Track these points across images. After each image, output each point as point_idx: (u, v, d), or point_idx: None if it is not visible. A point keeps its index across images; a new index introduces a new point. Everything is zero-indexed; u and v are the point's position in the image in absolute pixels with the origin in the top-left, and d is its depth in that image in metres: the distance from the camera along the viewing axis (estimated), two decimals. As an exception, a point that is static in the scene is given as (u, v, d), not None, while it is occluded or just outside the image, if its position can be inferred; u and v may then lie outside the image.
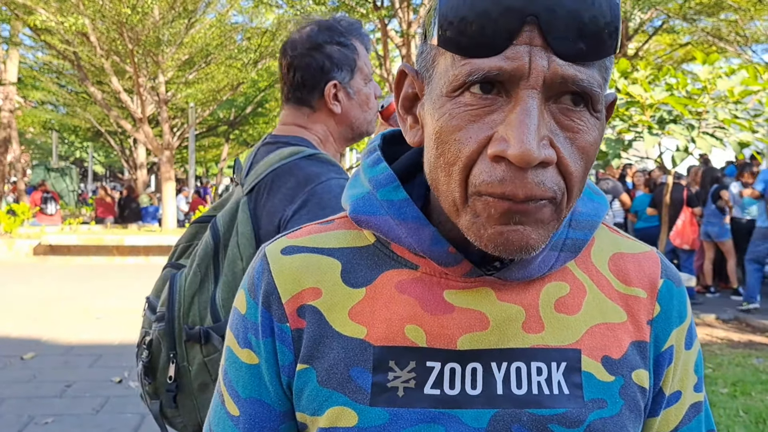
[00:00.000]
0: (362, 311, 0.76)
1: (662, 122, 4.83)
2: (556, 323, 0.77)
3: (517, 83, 0.63)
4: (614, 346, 0.78)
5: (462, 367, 0.74)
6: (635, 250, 0.86)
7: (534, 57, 0.62)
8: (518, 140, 0.61)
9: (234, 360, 0.82)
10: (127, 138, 26.49)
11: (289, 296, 0.78)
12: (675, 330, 0.83)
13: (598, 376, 0.76)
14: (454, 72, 0.65)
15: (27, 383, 5.13)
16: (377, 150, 0.83)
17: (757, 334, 7.25)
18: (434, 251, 0.75)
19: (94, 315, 7.64)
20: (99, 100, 15.27)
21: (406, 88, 0.77)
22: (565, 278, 0.80)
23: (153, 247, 12.59)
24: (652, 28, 20.02)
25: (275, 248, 0.82)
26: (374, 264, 0.79)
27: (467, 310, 0.75)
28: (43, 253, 12.46)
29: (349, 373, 0.74)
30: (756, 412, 4.59)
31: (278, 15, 16.61)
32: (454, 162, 0.66)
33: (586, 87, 0.64)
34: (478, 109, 0.65)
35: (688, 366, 0.85)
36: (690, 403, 0.85)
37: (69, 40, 14.64)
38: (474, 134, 0.64)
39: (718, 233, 9.17)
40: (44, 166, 26.34)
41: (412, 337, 0.74)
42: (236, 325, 0.82)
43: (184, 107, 21.70)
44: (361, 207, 0.79)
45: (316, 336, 0.77)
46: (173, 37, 14.85)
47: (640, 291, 0.82)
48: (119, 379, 5.22)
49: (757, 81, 4.72)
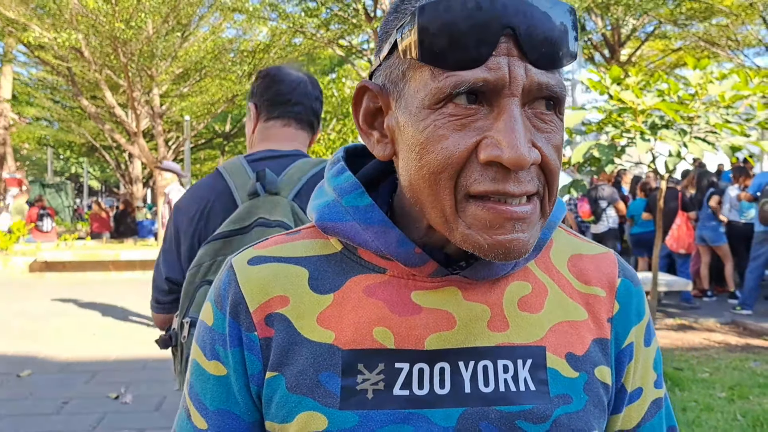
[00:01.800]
0: (330, 316, 0.77)
1: (654, 128, 4.84)
2: (521, 321, 0.79)
3: (499, 92, 0.66)
4: (577, 343, 0.81)
5: (430, 367, 0.75)
6: (593, 251, 0.89)
7: (512, 67, 0.65)
8: (511, 146, 0.64)
9: (201, 372, 0.82)
10: (122, 152, 26.49)
11: (256, 305, 0.79)
12: (634, 327, 0.86)
13: (563, 372, 0.78)
14: (437, 85, 0.67)
15: (23, 400, 5.11)
16: (341, 161, 0.85)
17: (754, 338, 7.25)
18: (401, 252, 0.76)
19: (90, 331, 7.61)
20: (93, 114, 15.27)
21: (366, 103, 0.78)
22: (527, 278, 0.82)
23: (149, 261, 12.54)
24: (644, 34, 20.13)
25: (242, 259, 0.83)
26: (342, 270, 0.80)
27: (434, 311, 0.77)
28: (39, 270, 12.43)
29: (318, 378, 0.75)
30: (754, 415, 4.58)
31: (271, 27, 16.68)
32: (443, 170, 0.67)
33: (557, 92, 0.69)
34: (463, 119, 0.67)
35: (647, 363, 0.88)
36: (651, 400, 0.88)
37: (63, 55, 14.66)
38: (461, 141, 0.67)
39: (713, 237, 9.18)
40: (39, 183, 26.30)
41: (381, 339, 0.75)
42: (202, 337, 0.82)
43: (179, 120, 21.72)
44: (327, 214, 0.80)
45: (284, 343, 0.77)
46: (167, 51, 14.87)
47: (599, 290, 0.85)
48: (116, 395, 5.20)
49: (748, 85, 4.74)
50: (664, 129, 4.78)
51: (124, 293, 10.33)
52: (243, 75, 16.85)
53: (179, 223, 1.81)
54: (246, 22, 17.15)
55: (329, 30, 16.09)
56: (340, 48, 17.01)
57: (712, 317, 8.21)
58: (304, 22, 15.40)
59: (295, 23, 15.40)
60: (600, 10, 16.98)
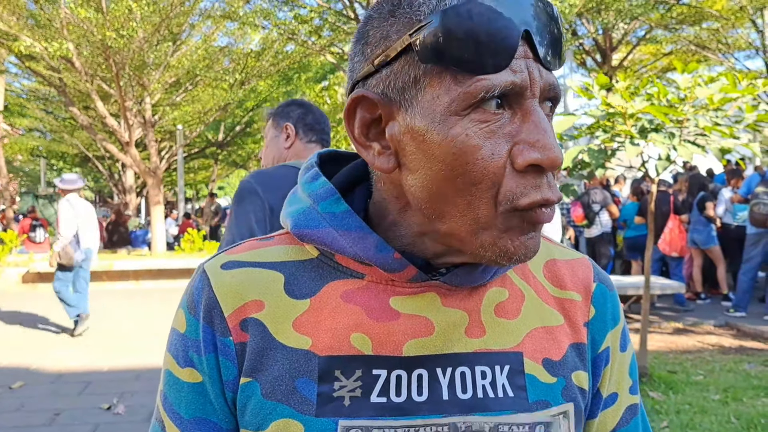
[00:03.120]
0: (307, 322, 0.76)
1: (644, 131, 4.85)
2: (497, 327, 0.78)
3: (522, 94, 0.66)
4: (554, 348, 0.80)
5: (408, 373, 0.74)
6: (568, 256, 0.89)
7: (531, 68, 0.66)
8: (546, 146, 0.65)
9: (174, 381, 0.80)
10: (115, 162, 26.44)
11: (231, 310, 0.77)
12: (610, 332, 0.86)
13: (541, 378, 0.78)
14: (464, 90, 0.65)
15: (15, 412, 5.08)
16: (315, 166, 0.84)
17: (748, 340, 7.26)
18: (380, 258, 0.75)
19: (83, 342, 7.58)
20: (85, 124, 15.24)
21: (362, 114, 0.74)
22: (504, 284, 0.82)
23: (143, 271, 12.52)
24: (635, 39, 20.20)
25: (214, 264, 0.81)
26: (318, 276, 0.79)
27: (412, 316, 0.75)
28: (32, 281, 12.37)
29: (294, 384, 0.74)
30: (748, 417, 4.59)
31: (264, 35, 16.68)
32: (479, 181, 0.66)
33: (559, 92, 0.71)
34: (492, 125, 0.66)
35: (623, 368, 0.88)
36: (626, 405, 0.88)
37: (54, 66, 14.63)
38: (495, 150, 0.66)
39: (704, 240, 9.20)
40: (32, 194, 26.22)
41: (358, 346, 0.74)
42: (175, 345, 0.81)
43: (172, 130, 21.70)
44: (302, 221, 0.79)
45: (259, 349, 0.76)
46: (159, 60, 14.86)
47: (574, 294, 0.85)
48: (108, 405, 5.17)
49: (737, 88, 4.75)
50: (653, 132, 4.79)
51: (117, 303, 10.30)
52: (235, 83, 16.84)
53: (273, 201, 2.15)
54: (238, 29, 17.16)
55: (321, 37, 16.11)
56: (332, 55, 17.03)
57: (706, 320, 8.22)
58: (296, 30, 15.41)
59: (287, 30, 15.41)
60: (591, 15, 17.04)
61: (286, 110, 2.52)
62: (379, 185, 0.78)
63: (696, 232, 9.23)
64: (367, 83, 0.73)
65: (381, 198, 0.78)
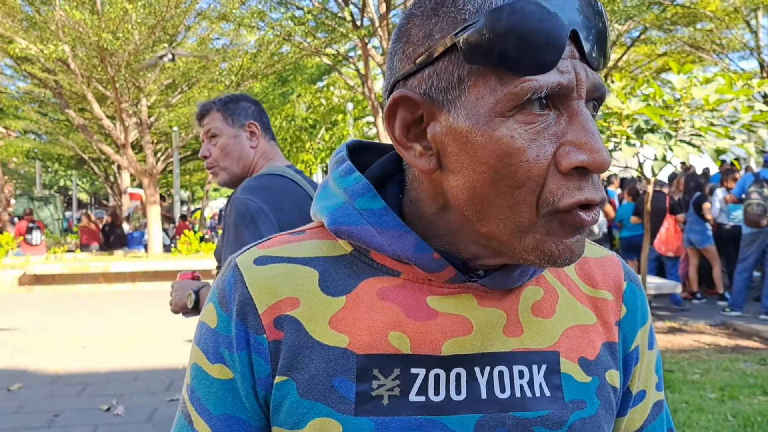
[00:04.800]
0: (343, 320, 0.75)
1: (640, 132, 4.88)
2: (534, 327, 0.77)
3: (569, 95, 0.65)
4: (588, 347, 0.80)
5: (446, 372, 0.73)
6: (597, 254, 0.88)
7: (578, 69, 0.65)
8: (594, 149, 0.64)
9: (204, 377, 0.78)
10: (111, 164, 26.39)
11: (265, 307, 0.75)
12: (640, 330, 0.86)
13: (577, 377, 0.77)
14: (511, 90, 0.64)
15: (14, 414, 5.08)
16: (346, 160, 0.82)
17: (744, 339, 7.29)
18: (419, 257, 0.74)
19: (81, 343, 7.57)
20: (81, 126, 15.22)
21: (403, 114, 0.73)
22: (539, 283, 0.81)
23: (139, 273, 12.51)
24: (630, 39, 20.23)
25: (247, 259, 0.79)
26: (353, 272, 0.77)
27: (451, 315, 0.74)
28: (29, 283, 12.36)
29: (332, 383, 0.72)
30: (744, 416, 4.61)
31: (259, 37, 16.68)
32: (523, 183, 0.65)
33: (604, 93, 0.69)
34: (537, 126, 0.65)
35: (650, 366, 0.88)
36: (653, 402, 0.89)
37: (49, 68, 14.61)
38: (540, 152, 0.65)
39: (700, 240, 9.24)
40: (28, 196, 26.17)
41: (396, 344, 0.73)
42: (205, 340, 0.79)
43: (168, 131, 21.67)
44: (339, 217, 0.77)
45: (295, 347, 0.74)
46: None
47: (606, 293, 0.85)
48: (107, 407, 5.17)
49: (732, 88, 4.78)
50: (649, 133, 4.82)
51: (115, 305, 10.30)
52: (231, 85, 16.84)
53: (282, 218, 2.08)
54: (234, 31, 17.15)
55: (316, 38, 16.11)
56: (327, 56, 17.04)
57: (702, 319, 8.25)
58: (292, 31, 15.41)
59: (282, 31, 15.41)
60: (586, 16, 17.03)
61: (240, 106, 2.35)
62: (416, 184, 0.77)
63: (692, 231, 9.27)
64: (408, 83, 0.72)
65: (417, 197, 0.77)
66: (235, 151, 2.31)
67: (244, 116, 2.33)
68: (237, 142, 2.31)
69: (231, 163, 2.32)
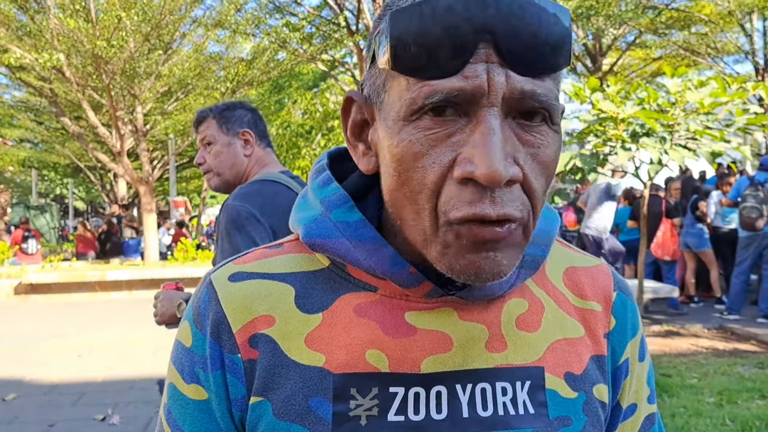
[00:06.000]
0: (319, 338, 0.73)
1: (635, 136, 4.88)
2: (519, 341, 0.75)
3: (477, 102, 0.61)
4: (575, 361, 0.78)
5: (426, 391, 0.71)
6: (587, 263, 0.86)
7: (492, 74, 0.60)
8: (485, 160, 0.59)
9: (179, 397, 0.76)
10: (107, 173, 26.36)
11: (240, 325, 0.73)
12: (630, 342, 0.83)
13: (562, 393, 0.75)
14: (411, 95, 0.62)
15: (9, 424, 5.04)
16: (326, 170, 0.80)
17: (742, 342, 7.28)
18: (395, 272, 0.72)
19: (76, 352, 7.54)
20: (76, 134, 15.20)
21: (354, 115, 0.74)
22: (524, 295, 0.78)
23: (136, 281, 12.47)
24: (625, 44, 20.31)
25: (222, 275, 0.77)
26: (330, 288, 0.75)
27: (430, 332, 0.73)
28: (24, 292, 12.31)
29: (308, 404, 0.71)
30: (743, 419, 4.60)
31: (255, 44, 16.69)
32: (420, 190, 0.63)
33: (544, 101, 0.63)
34: (438, 132, 0.62)
35: (641, 378, 0.86)
36: (645, 415, 0.86)
37: (45, 76, 14.60)
38: (437, 159, 0.62)
39: (697, 244, 9.24)
40: (24, 205, 26.11)
41: (374, 363, 0.71)
42: (180, 359, 0.77)
43: (164, 139, 21.65)
44: (314, 230, 0.75)
45: (270, 366, 0.72)
46: (150, 70, 14.85)
47: (595, 305, 0.82)
48: (103, 416, 5.14)
49: (726, 92, 4.78)
50: (644, 137, 4.81)
51: (111, 314, 10.26)
52: (226, 92, 16.84)
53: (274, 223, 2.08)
54: (229, 38, 17.16)
55: (312, 45, 16.13)
56: (323, 63, 17.06)
57: (699, 323, 8.24)
58: (287, 38, 15.43)
59: (278, 38, 15.43)
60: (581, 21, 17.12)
61: (236, 114, 2.39)
62: None
63: (689, 235, 9.27)
64: (363, 85, 0.72)
65: None
66: (229, 159, 2.36)
67: (238, 124, 2.37)
68: (230, 149, 2.36)
69: (224, 170, 2.37)
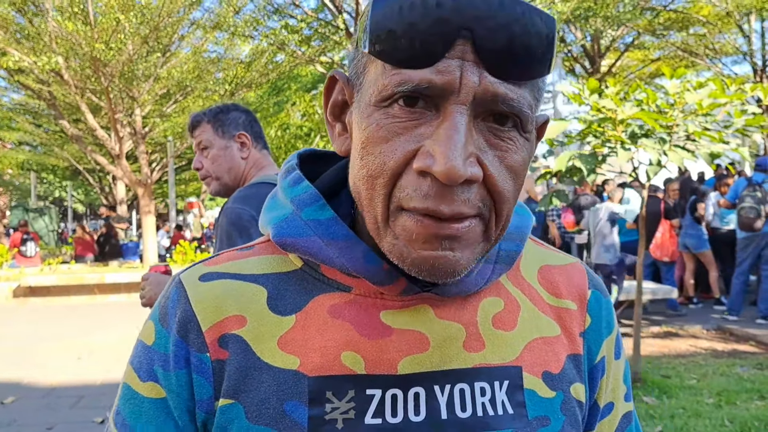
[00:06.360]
0: (293, 340, 0.72)
1: (634, 137, 4.88)
2: (496, 340, 0.75)
3: (447, 98, 0.61)
4: (553, 360, 0.77)
5: (404, 392, 0.70)
6: (562, 261, 0.85)
7: (465, 72, 0.60)
8: (444, 156, 0.59)
9: (132, 396, 0.74)
10: (106, 175, 26.36)
11: (209, 324, 0.72)
12: (605, 340, 0.83)
13: (540, 392, 0.75)
14: (384, 81, 0.62)
15: (7, 427, 5.03)
16: (296, 169, 0.80)
17: (740, 343, 7.28)
18: (368, 269, 0.71)
19: (75, 355, 7.53)
20: (75, 137, 15.20)
21: (335, 95, 0.74)
22: (499, 294, 0.78)
23: (135, 283, 12.43)
24: (623, 45, 20.33)
25: (192, 275, 0.76)
26: (303, 289, 0.74)
27: (406, 332, 0.72)
28: (23, 295, 12.29)
29: (283, 408, 0.69)
30: (742, 420, 4.60)
31: (253, 46, 16.69)
32: (378, 175, 0.63)
33: (515, 107, 0.62)
34: (406, 122, 0.62)
35: (618, 376, 0.86)
36: (622, 414, 0.86)
37: (43, 79, 14.59)
38: (400, 147, 0.62)
39: (696, 245, 9.24)
40: (23, 207, 26.09)
41: (350, 365, 0.70)
42: (139, 358, 0.75)
43: (162, 141, 21.64)
44: (285, 230, 0.74)
45: (241, 368, 0.71)
46: (148, 72, 14.84)
47: (570, 303, 0.82)
48: (101, 419, 5.14)
49: (725, 93, 4.78)
50: (643, 138, 4.81)
51: (110, 316, 10.25)
52: (225, 94, 16.83)
53: None
54: (227, 40, 17.16)
55: (310, 47, 16.13)
56: (321, 65, 17.06)
57: (698, 324, 8.24)
58: (286, 40, 15.43)
59: (277, 40, 15.43)
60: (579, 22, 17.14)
61: (231, 117, 2.37)
62: None
63: (688, 236, 9.27)
64: (349, 65, 0.72)
65: None
66: (226, 162, 2.35)
67: (234, 127, 2.36)
68: (227, 153, 2.35)
69: (222, 174, 2.36)
